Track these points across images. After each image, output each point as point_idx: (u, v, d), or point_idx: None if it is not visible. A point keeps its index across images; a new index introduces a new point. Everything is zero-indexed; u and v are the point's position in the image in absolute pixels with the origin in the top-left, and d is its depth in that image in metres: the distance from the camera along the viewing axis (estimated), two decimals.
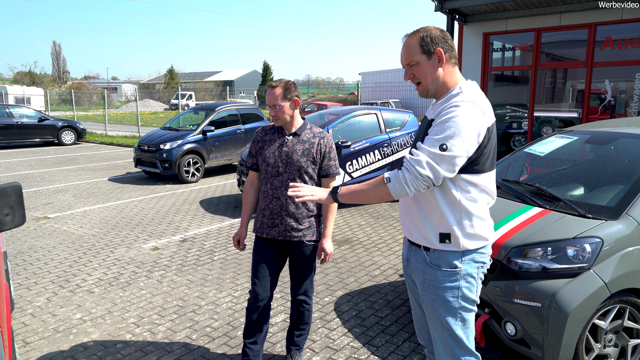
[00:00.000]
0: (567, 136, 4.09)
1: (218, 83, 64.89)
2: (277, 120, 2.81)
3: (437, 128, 1.87)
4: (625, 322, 2.87)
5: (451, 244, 1.98)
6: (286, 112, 2.79)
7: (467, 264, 2.00)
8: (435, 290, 2.04)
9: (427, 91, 2.02)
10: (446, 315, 2.03)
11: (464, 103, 1.86)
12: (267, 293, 2.90)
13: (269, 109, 2.80)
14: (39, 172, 11.47)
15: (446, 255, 2.00)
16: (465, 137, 1.83)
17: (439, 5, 9.05)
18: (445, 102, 1.95)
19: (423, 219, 2.02)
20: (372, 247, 5.67)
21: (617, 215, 2.91)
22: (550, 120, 9.79)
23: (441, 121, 1.87)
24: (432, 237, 2.00)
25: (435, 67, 1.97)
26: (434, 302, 2.05)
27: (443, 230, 1.98)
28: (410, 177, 1.85)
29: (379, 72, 38.41)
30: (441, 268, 2.01)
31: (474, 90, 1.95)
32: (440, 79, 1.98)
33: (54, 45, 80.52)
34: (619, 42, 8.51)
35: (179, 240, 6.03)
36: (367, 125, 7.75)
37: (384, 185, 1.92)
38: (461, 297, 2.01)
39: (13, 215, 2.10)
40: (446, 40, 1.97)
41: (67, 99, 39.80)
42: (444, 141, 1.82)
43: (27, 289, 4.52)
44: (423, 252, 2.07)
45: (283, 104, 2.76)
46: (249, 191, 3.00)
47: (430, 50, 1.96)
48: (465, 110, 1.85)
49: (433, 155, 1.83)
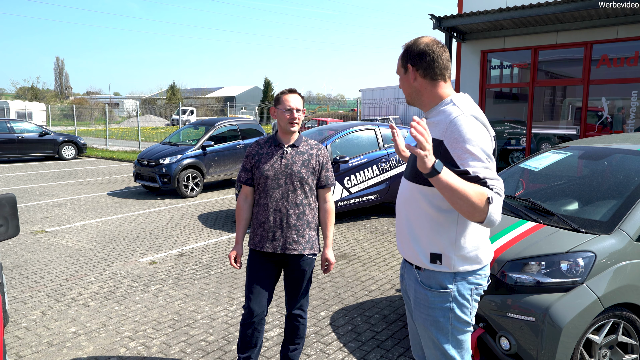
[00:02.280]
0: (561, 152, 4.12)
1: (219, 99, 65.33)
2: (294, 125, 2.80)
3: (463, 149, 1.78)
4: (619, 337, 2.86)
5: (442, 265, 1.93)
6: (302, 119, 2.83)
7: (460, 285, 1.94)
8: (426, 310, 2.00)
9: (413, 101, 2.05)
10: (438, 335, 1.99)
11: (461, 116, 1.83)
12: (262, 309, 2.88)
13: (287, 113, 2.76)
14: (39, 186, 11.50)
15: (437, 276, 1.95)
16: (487, 145, 1.81)
17: (437, 23, 9.17)
18: (438, 119, 1.92)
19: (415, 238, 1.99)
20: (369, 262, 5.67)
21: (610, 230, 2.92)
22: (548, 137, 9.85)
23: (462, 140, 1.78)
24: (423, 256, 1.96)
25: (409, 82, 1.98)
26: (425, 321, 2.02)
27: (434, 251, 1.93)
28: (501, 193, 1.76)
29: (379, 89, 38.71)
30: (432, 288, 1.96)
31: (469, 103, 1.93)
32: (418, 93, 1.98)
33: (56, 61, 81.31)
34: (615, 60, 8.61)
35: (176, 254, 6.03)
36: (365, 140, 7.79)
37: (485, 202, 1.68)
38: (454, 318, 1.96)
39: (7, 227, 2.12)
40: (425, 56, 1.92)
41: (68, 114, 40.06)
42: (485, 155, 1.77)
43: (22, 303, 4.51)
44: (415, 270, 2.03)
45: (302, 109, 2.82)
46: (243, 207, 2.96)
47: (405, 65, 1.98)
48: (468, 121, 1.82)
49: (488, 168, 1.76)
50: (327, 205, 2.93)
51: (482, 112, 1.92)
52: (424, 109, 2.03)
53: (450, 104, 1.92)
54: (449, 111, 1.88)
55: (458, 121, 1.81)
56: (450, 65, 2.01)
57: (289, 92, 2.83)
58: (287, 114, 2.77)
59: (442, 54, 1.94)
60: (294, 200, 2.81)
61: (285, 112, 2.78)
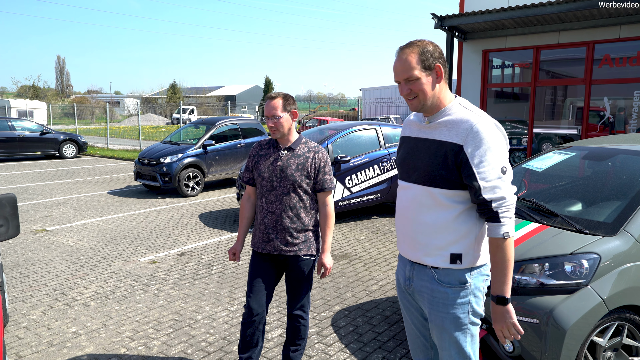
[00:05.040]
0: (564, 152, 4.10)
1: (220, 98, 65.33)
2: (275, 131, 2.81)
3: (483, 157, 1.85)
4: (624, 339, 2.84)
5: (462, 264, 1.96)
6: (285, 124, 2.80)
7: (476, 278, 1.99)
8: (445, 308, 2.00)
9: (423, 106, 1.96)
10: (456, 332, 2.00)
11: (482, 123, 1.88)
12: (262, 308, 2.88)
13: (267, 120, 2.81)
14: (39, 184, 11.49)
15: (456, 273, 1.98)
16: (505, 154, 1.91)
17: (438, 22, 9.14)
18: (449, 121, 1.93)
19: (430, 241, 1.98)
20: (370, 262, 5.65)
21: (614, 232, 2.90)
22: (550, 137, 9.82)
23: (483, 149, 1.85)
24: (441, 258, 1.97)
25: (434, 83, 1.93)
26: (444, 320, 2.01)
27: (455, 251, 1.95)
28: (512, 211, 1.86)
29: (379, 88, 38.69)
30: (452, 285, 1.98)
31: (476, 107, 1.97)
32: (437, 95, 1.95)
33: (58, 60, 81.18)
34: (617, 60, 8.57)
35: (177, 253, 6.01)
36: (366, 140, 7.77)
37: (507, 243, 1.86)
38: (471, 313, 2.00)
39: (7, 227, 2.10)
40: (442, 55, 1.96)
41: (69, 113, 40.07)
42: (501, 165, 1.86)
43: (22, 302, 4.50)
44: (430, 270, 2.02)
45: (282, 114, 2.78)
46: (245, 205, 3.01)
47: (430, 65, 1.91)
48: (490, 129, 1.88)
49: (504, 181, 1.86)
50: (325, 209, 2.90)
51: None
52: (429, 112, 1.99)
53: (461, 107, 1.95)
54: (463, 116, 1.91)
55: (480, 128, 1.86)
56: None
57: (268, 98, 2.83)
58: (268, 122, 2.81)
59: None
60: (288, 202, 2.80)
61: (267, 120, 2.82)
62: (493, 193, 1.83)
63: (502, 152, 1.88)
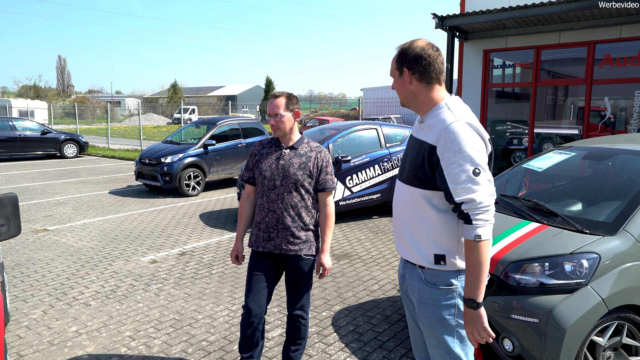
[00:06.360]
0: (565, 152, 4.10)
1: (221, 98, 65.33)
2: (276, 130, 2.82)
3: (452, 159, 1.82)
4: (623, 339, 2.84)
5: (446, 265, 1.95)
6: (287, 123, 2.81)
7: (463, 281, 1.96)
8: (431, 308, 2.01)
9: (403, 104, 2.06)
10: (443, 333, 2.00)
11: (455, 123, 1.85)
12: (260, 309, 2.87)
13: (269, 118, 2.81)
14: (40, 184, 11.50)
15: (442, 274, 1.97)
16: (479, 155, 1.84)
17: (439, 22, 9.15)
18: (432, 122, 1.94)
19: (416, 240, 2.00)
20: (371, 261, 5.65)
21: (614, 231, 2.91)
22: (550, 136, 9.82)
23: (452, 150, 1.82)
24: (425, 258, 1.98)
25: (405, 85, 1.99)
26: (430, 320, 2.02)
27: (438, 252, 1.95)
28: (487, 215, 1.80)
29: (380, 88, 38.63)
30: (437, 286, 1.98)
31: (463, 107, 1.95)
32: (414, 96, 2.00)
33: (59, 60, 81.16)
34: (617, 60, 8.57)
35: (178, 253, 6.02)
36: (367, 140, 7.78)
37: (480, 246, 1.79)
38: (458, 315, 1.98)
39: (8, 226, 2.11)
40: (421, 60, 1.93)
41: (70, 113, 40.12)
42: (473, 166, 1.80)
43: (23, 302, 4.51)
44: (418, 269, 2.04)
45: (285, 114, 2.79)
46: (245, 205, 3.00)
47: (400, 68, 1.98)
48: (462, 129, 1.84)
49: (475, 182, 1.80)
50: (326, 209, 2.91)
51: (476, 117, 1.94)
52: (419, 112, 2.04)
53: (445, 108, 1.94)
54: (443, 116, 1.91)
55: (452, 129, 1.84)
56: (444, 68, 2.02)
57: (272, 96, 2.85)
58: (270, 120, 2.82)
59: (437, 57, 1.96)
60: (289, 201, 2.80)
61: (269, 118, 2.83)
62: (462, 195, 1.80)
63: (474, 153, 1.81)
